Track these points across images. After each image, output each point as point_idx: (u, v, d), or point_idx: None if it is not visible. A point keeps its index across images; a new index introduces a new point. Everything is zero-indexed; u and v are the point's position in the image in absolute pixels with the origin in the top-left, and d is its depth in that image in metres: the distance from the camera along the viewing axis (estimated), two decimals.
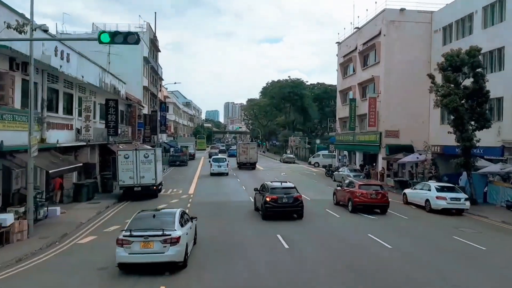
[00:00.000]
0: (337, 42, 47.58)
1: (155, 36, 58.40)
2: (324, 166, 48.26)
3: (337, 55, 50.89)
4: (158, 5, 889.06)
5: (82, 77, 24.71)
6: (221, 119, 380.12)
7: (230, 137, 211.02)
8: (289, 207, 20.13)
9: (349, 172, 35.07)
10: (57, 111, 23.12)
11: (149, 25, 55.58)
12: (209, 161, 46.07)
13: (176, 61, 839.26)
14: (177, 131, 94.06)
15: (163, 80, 69.06)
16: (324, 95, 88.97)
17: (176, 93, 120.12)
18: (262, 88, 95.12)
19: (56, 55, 20.74)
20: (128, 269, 11.76)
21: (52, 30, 29.10)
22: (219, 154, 58.75)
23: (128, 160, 25.54)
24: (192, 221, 14.07)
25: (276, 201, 19.85)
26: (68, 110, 25.05)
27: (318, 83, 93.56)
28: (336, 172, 38.59)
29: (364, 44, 39.63)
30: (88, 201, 24.39)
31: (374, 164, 37.99)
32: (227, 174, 42.16)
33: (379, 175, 35.55)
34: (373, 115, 35.54)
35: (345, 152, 47.84)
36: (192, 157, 66.87)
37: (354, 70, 43.27)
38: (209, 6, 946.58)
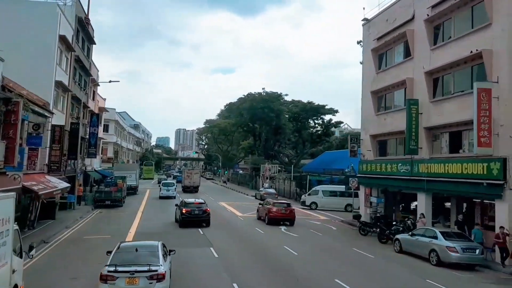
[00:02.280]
0: (364, 20, 31.25)
1: (87, 19, 41.26)
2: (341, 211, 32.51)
3: (359, 43, 36.18)
4: (116, 35, 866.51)
5: None
6: (172, 145, 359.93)
7: (181, 164, 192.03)
8: (199, 217, 26.28)
9: (454, 243, 18.18)
10: None
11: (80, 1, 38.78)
12: (159, 186, 50.34)
13: (130, 90, 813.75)
14: (118, 156, 75.57)
15: (98, 85, 51.47)
16: (302, 114, 74.29)
17: (123, 114, 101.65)
18: (226, 106, 78.76)
19: None
20: None
21: None
22: (167, 179, 63.73)
23: None
24: (169, 255, 13.27)
25: (190, 212, 26.15)
26: None
27: (293, 100, 78.51)
28: (412, 237, 20.40)
29: (437, 4, 23.16)
30: None
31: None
32: (174, 197, 43.97)
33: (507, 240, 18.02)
34: (487, 124, 18.45)
35: (367, 191, 31.69)
36: (133, 190, 49.11)
37: (409, 53, 26.15)
38: (167, 38, 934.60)
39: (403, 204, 31.51)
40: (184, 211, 25.95)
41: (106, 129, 65.93)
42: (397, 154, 28.43)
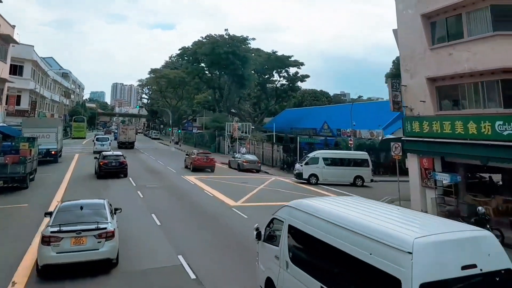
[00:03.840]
0: None
1: None
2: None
3: None
4: None
5: None
6: (108, 101, 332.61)
7: (118, 120, 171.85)
8: (117, 168, 27.60)
9: None
10: None
11: None
12: (93, 141, 48.87)
13: (62, 39, 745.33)
14: (37, 109, 58.53)
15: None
16: (266, 65, 61.75)
17: (49, 60, 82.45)
18: (179, 50, 62.42)
19: None
20: (52, 272, 9.91)
21: None
22: (105, 135, 60.18)
23: None
24: (115, 213, 12.05)
25: (107, 164, 27.37)
26: None
27: (256, 49, 65.31)
28: None
29: None
30: None
31: None
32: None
33: None
34: None
35: (426, 163, 20.41)
36: (52, 157, 34.12)
37: None
38: None
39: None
40: (101, 163, 27.37)
41: (18, 71, 48.95)
42: (486, 106, 17.45)
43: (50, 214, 11.18)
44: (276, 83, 68.66)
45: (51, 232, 9.92)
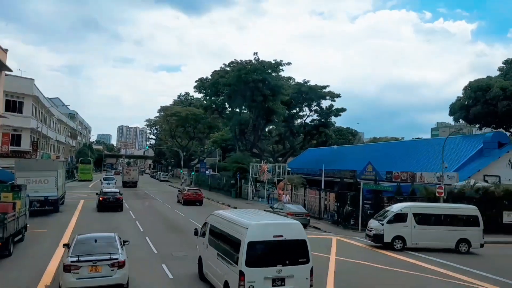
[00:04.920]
0: None
1: None
2: None
3: None
4: (54, 26, 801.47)
5: None
6: (114, 142, 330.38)
7: (124, 162, 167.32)
8: (114, 203, 31.59)
9: None
10: None
11: None
12: (101, 181, 53.20)
13: (70, 83, 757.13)
14: (40, 150, 53.55)
15: None
16: (296, 97, 56.08)
17: (55, 100, 78.40)
18: (196, 82, 56.22)
19: None
20: None
21: None
22: (113, 175, 69.96)
23: None
24: (124, 245, 13.42)
25: (106, 200, 31.62)
26: None
27: (289, 77, 59.07)
28: None
29: None
30: None
31: None
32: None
33: None
34: None
35: None
36: (52, 206, 27.94)
37: None
38: (109, 32, 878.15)
39: None
40: (101, 199, 31.78)
41: (18, 107, 44.28)
42: None
43: (67, 245, 12.73)
44: (305, 118, 62.02)
45: (71, 261, 11.32)
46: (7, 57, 30.81)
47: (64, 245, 13.50)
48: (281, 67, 51.31)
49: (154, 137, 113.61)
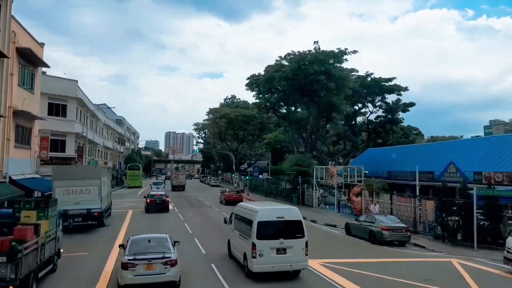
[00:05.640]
0: None
1: None
2: None
3: None
4: (101, 38, 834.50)
5: None
6: (162, 148, 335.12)
7: (172, 167, 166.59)
8: (160, 205, 33.24)
9: None
10: None
11: None
12: (150, 185, 58.06)
13: (118, 93, 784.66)
14: (89, 156, 50.67)
15: None
16: (359, 91, 49.77)
17: (102, 106, 76.59)
18: (248, 79, 50.88)
19: None
20: None
21: None
22: (161, 179, 75.05)
23: None
24: (175, 245, 13.94)
25: (153, 202, 33.27)
26: None
27: (352, 69, 51.52)
28: None
29: None
30: None
31: None
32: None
33: None
34: None
35: None
36: (95, 220, 23.34)
37: None
38: (153, 41, 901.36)
39: None
40: (148, 201, 33.52)
41: (61, 111, 41.25)
42: None
43: (123, 246, 13.72)
44: (368, 114, 55.49)
45: (128, 259, 12.14)
46: (44, 52, 27.28)
47: (120, 246, 14.61)
48: (345, 57, 44.63)
49: (202, 141, 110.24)
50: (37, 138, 26.46)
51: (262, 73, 49.04)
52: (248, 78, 50.14)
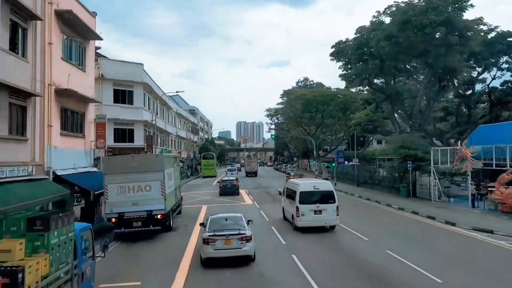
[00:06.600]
0: None
1: None
2: None
3: None
4: (172, 36, 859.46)
5: None
6: (233, 138, 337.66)
7: (245, 156, 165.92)
8: (231, 189, 37.55)
9: None
10: None
11: None
12: (225, 171, 64.82)
13: (190, 87, 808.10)
14: (161, 146, 47.21)
15: None
16: (482, 51, 39.40)
17: (175, 98, 73.83)
18: (333, 48, 42.75)
19: None
20: (212, 263, 13.53)
21: None
22: (236, 167, 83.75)
23: None
24: (248, 224, 15.10)
25: (225, 186, 37.87)
26: None
27: (479, 18, 39.75)
28: None
29: None
30: None
31: None
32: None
33: None
34: None
35: None
36: (160, 223, 18.21)
37: None
38: (220, 35, 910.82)
39: None
40: (221, 186, 38.32)
41: (128, 98, 37.66)
42: None
43: (203, 224, 15.38)
44: (489, 81, 44.30)
45: (208, 235, 13.54)
46: (96, 23, 22.89)
47: (200, 224, 16.53)
48: (468, 3, 34.22)
49: (274, 127, 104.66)
50: (92, 124, 22.18)
51: (350, 39, 41.44)
52: (333, 46, 42.76)
